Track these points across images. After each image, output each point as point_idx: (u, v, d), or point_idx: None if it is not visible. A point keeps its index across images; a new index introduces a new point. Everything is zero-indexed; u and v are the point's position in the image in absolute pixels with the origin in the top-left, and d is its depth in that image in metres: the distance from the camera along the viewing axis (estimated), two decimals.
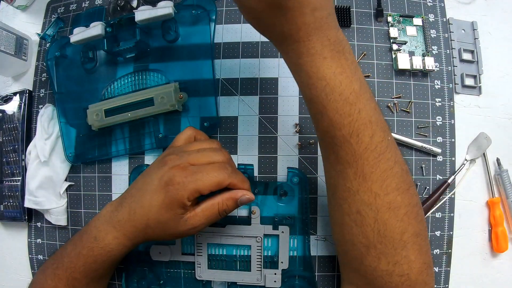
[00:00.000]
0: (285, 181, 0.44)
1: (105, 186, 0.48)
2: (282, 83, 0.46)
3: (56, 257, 0.39)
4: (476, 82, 0.46)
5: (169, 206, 0.33)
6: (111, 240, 0.36)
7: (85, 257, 0.36)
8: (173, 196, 0.33)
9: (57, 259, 0.39)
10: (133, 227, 0.35)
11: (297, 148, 0.45)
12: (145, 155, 0.47)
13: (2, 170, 0.50)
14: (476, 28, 0.47)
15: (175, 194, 0.33)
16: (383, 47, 0.46)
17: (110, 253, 0.36)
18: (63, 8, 0.53)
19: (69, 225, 0.48)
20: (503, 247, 0.43)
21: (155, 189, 0.34)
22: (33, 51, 0.53)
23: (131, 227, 0.35)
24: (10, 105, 0.51)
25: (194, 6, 0.46)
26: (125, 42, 0.46)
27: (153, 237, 0.36)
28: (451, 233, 0.44)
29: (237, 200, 0.35)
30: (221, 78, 0.47)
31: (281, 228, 0.42)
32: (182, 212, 0.34)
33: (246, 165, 0.44)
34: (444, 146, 0.45)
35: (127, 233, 0.36)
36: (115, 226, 0.36)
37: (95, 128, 0.46)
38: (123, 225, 0.35)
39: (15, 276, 0.50)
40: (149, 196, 0.34)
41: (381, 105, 0.45)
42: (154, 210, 0.34)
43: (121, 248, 0.36)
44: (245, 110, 0.46)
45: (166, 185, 0.34)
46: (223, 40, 0.47)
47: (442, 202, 0.44)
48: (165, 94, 0.44)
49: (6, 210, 0.49)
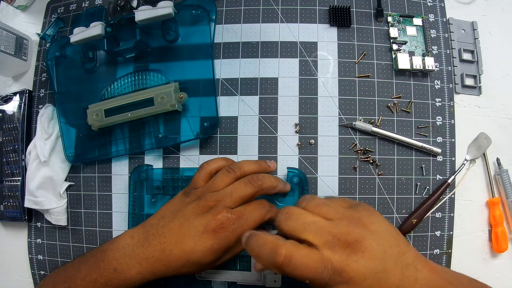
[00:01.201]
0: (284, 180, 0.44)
1: (105, 186, 0.48)
2: (282, 83, 0.46)
3: (67, 276, 0.38)
4: (476, 82, 0.46)
5: (216, 251, 0.35)
6: (134, 275, 0.35)
7: (102, 286, 0.36)
8: (222, 242, 0.35)
9: (70, 278, 0.38)
10: (164, 266, 0.35)
11: (297, 148, 0.45)
12: (145, 155, 0.47)
13: (2, 170, 0.50)
14: (476, 28, 0.47)
15: (224, 240, 0.35)
16: (383, 47, 0.46)
17: (131, 285, 0.36)
18: (63, 8, 0.53)
19: (69, 225, 0.48)
20: (503, 247, 0.43)
21: (201, 236, 0.35)
22: (33, 51, 0.53)
23: (162, 266, 0.35)
24: (10, 105, 0.51)
25: (194, 6, 0.46)
26: (125, 42, 0.46)
27: (183, 273, 0.36)
28: (451, 233, 0.44)
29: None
30: (221, 78, 0.47)
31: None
32: (225, 253, 0.36)
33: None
34: (444, 146, 0.45)
35: (155, 271, 0.36)
36: (140, 263, 0.35)
37: (95, 128, 0.46)
38: (152, 264, 0.35)
39: (15, 276, 0.50)
40: (191, 241, 0.35)
41: (381, 105, 0.45)
42: (197, 254, 0.35)
43: (143, 281, 0.36)
44: (245, 110, 0.46)
45: (214, 232, 0.35)
46: (223, 40, 0.47)
47: (442, 202, 0.44)
48: (165, 94, 0.44)
49: (6, 210, 0.49)
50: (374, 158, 0.44)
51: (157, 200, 0.46)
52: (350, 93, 0.45)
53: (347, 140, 0.45)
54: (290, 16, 0.47)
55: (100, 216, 0.48)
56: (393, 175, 0.44)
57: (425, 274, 0.29)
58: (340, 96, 0.45)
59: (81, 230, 0.48)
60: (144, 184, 0.46)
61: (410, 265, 0.29)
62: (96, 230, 0.47)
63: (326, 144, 0.45)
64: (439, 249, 0.43)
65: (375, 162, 0.44)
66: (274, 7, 0.47)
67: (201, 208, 0.36)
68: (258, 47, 0.47)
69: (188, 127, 0.45)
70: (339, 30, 0.47)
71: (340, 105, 0.45)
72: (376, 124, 0.45)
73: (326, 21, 0.47)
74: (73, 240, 0.48)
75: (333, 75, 0.46)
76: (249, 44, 0.47)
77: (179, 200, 0.39)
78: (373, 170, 0.44)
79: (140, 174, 0.46)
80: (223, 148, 0.46)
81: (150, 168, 0.46)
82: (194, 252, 0.35)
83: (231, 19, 0.48)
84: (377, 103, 0.45)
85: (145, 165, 0.47)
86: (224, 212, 0.35)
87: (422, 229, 0.44)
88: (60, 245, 0.49)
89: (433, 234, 0.44)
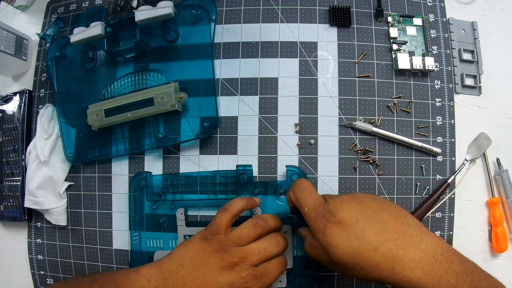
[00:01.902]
0: (284, 180, 0.44)
1: (105, 186, 0.48)
2: (282, 83, 0.46)
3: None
4: (476, 82, 0.46)
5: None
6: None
7: None
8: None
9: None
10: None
11: (297, 148, 0.45)
12: (145, 155, 0.47)
13: (2, 170, 0.50)
14: (476, 28, 0.47)
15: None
16: (383, 47, 0.46)
17: None
18: (63, 8, 0.53)
19: (69, 225, 0.48)
20: (503, 247, 0.43)
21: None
22: (33, 51, 0.53)
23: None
24: (10, 105, 0.51)
25: (194, 6, 0.46)
26: (125, 42, 0.46)
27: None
28: (451, 233, 0.44)
29: None
30: (221, 78, 0.47)
31: (284, 227, 0.42)
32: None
33: (245, 165, 0.44)
34: (444, 146, 0.45)
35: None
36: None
37: (95, 128, 0.46)
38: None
39: (15, 276, 0.50)
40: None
41: (381, 105, 0.45)
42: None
43: None
44: (245, 110, 0.46)
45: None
46: (223, 40, 0.47)
47: (442, 202, 0.44)
48: (165, 94, 0.43)
49: (6, 210, 0.49)
50: (374, 158, 0.44)
51: (157, 207, 0.46)
52: (350, 93, 0.45)
53: (347, 140, 0.45)
54: (290, 16, 0.47)
55: (100, 216, 0.48)
56: (393, 175, 0.44)
57: (431, 237, 0.31)
58: (340, 96, 0.45)
59: (81, 230, 0.48)
60: (144, 192, 0.46)
61: (414, 226, 0.31)
62: (96, 230, 0.47)
63: (326, 144, 0.45)
64: None
65: (375, 162, 0.44)
66: (274, 7, 0.47)
67: (226, 263, 0.35)
68: (258, 47, 0.47)
69: (188, 127, 0.45)
70: (339, 30, 0.47)
71: (340, 105, 0.45)
72: (376, 124, 0.45)
73: (326, 21, 0.47)
74: (73, 240, 0.48)
75: (333, 75, 0.46)
76: (249, 44, 0.47)
77: (199, 247, 0.37)
78: (373, 170, 0.44)
79: (139, 182, 0.46)
80: (223, 148, 0.46)
81: (149, 175, 0.46)
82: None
83: (231, 19, 0.48)
84: (377, 103, 0.45)
85: (144, 172, 0.46)
86: (250, 271, 0.35)
87: None
88: (60, 245, 0.49)
89: None
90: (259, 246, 0.37)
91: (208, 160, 0.46)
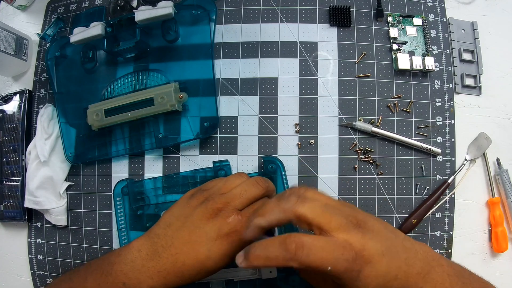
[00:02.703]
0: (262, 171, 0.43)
1: (105, 186, 0.48)
2: (282, 83, 0.46)
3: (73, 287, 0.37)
4: (476, 82, 0.46)
5: (230, 255, 0.34)
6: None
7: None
8: (235, 246, 0.34)
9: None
10: (177, 278, 0.34)
11: (297, 148, 0.45)
12: (145, 155, 0.47)
13: (2, 170, 0.50)
14: (476, 28, 0.47)
15: (237, 243, 0.34)
16: (383, 47, 0.46)
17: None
18: (63, 8, 0.53)
19: (69, 225, 0.48)
20: (503, 247, 0.43)
21: (214, 242, 0.34)
22: (33, 51, 0.53)
23: (176, 277, 0.34)
24: (10, 105, 0.51)
25: (194, 6, 0.46)
26: (125, 42, 0.46)
27: (197, 280, 0.36)
28: (451, 233, 0.44)
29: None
30: (221, 78, 0.47)
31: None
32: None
33: (222, 161, 0.44)
34: (444, 146, 0.45)
35: (168, 283, 0.35)
36: (152, 277, 0.34)
37: (95, 128, 0.46)
38: (165, 276, 0.34)
39: (15, 276, 0.50)
40: (205, 249, 0.34)
41: (381, 105, 0.45)
42: (213, 261, 0.34)
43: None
44: (245, 110, 0.46)
45: (227, 237, 0.34)
46: (223, 40, 0.47)
47: (442, 202, 0.44)
48: (165, 94, 0.44)
49: (6, 210, 0.49)
50: (374, 158, 0.44)
51: (143, 212, 0.45)
52: (350, 93, 0.45)
53: (347, 140, 0.45)
54: (290, 16, 0.47)
55: (100, 216, 0.48)
56: (393, 175, 0.44)
57: (419, 244, 0.31)
58: (340, 96, 0.45)
59: (81, 230, 0.48)
60: (127, 199, 0.45)
61: (406, 240, 0.31)
62: (96, 230, 0.47)
63: (326, 144, 0.45)
64: (439, 249, 0.43)
65: (375, 162, 0.44)
66: (274, 7, 0.47)
67: (210, 212, 0.35)
68: (258, 47, 0.47)
69: (188, 127, 0.45)
70: (339, 30, 0.47)
71: (340, 105, 0.45)
72: (376, 124, 0.45)
73: (326, 21, 0.47)
74: (73, 240, 0.48)
75: (333, 75, 0.46)
76: (249, 44, 0.47)
77: (184, 203, 0.37)
78: (373, 170, 0.44)
79: (122, 189, 0.46)
80: (223, 148, 0.46)
81: (130, 181, 0.46)
82: (209, 259, 0.34)
83: (231, 19, 0.48)
84: (377, 103, 0.45)
85: (125, 180, 0.46)
86: (234, 215, 0.35)
87: (422, 229, 0.44)
88: (60, 245, 0.49)
89: (433, 234, 0.44)
90: (240, 189, 0.36)
91: (208, 160, 0.46)
